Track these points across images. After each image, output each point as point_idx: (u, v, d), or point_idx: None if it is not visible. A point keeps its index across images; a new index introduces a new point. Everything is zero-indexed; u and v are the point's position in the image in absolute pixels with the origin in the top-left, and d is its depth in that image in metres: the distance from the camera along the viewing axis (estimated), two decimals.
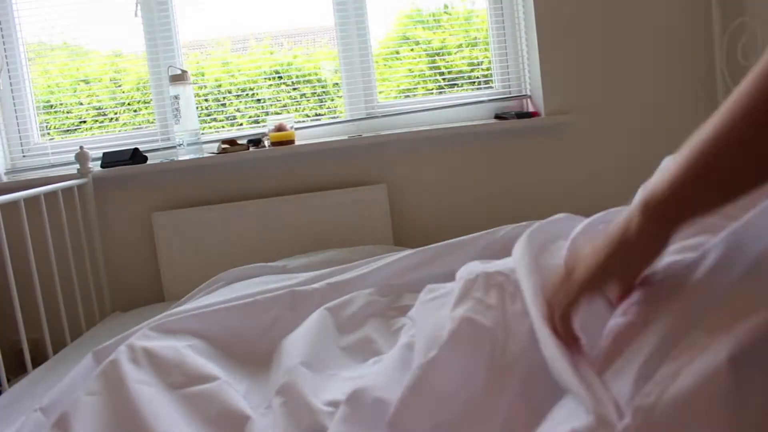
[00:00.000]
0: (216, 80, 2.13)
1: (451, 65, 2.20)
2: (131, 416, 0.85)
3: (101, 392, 0.90)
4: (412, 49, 2.20)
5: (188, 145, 1.92)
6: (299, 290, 1.21)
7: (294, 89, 2.16)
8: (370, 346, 1.05)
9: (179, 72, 1.89)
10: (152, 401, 0.88)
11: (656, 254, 0.55)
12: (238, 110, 2.14)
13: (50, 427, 0.85)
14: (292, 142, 1.95)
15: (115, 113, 2.12)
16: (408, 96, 2.18)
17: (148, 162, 1.94)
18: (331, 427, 0.72)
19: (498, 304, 0.77)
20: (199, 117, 2.03)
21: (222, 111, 2.14)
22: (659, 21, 2.08)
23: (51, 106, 2.10)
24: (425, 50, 2.20)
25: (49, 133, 2.10)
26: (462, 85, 2.19)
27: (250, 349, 1.10)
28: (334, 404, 0.81)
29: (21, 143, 2.04)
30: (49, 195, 1.65)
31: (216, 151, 1.94)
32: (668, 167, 0.51)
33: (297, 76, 2.15)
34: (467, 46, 2.20)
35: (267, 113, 2.13)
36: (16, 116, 2.02)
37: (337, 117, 2.15)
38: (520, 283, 0.78)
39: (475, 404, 0.67)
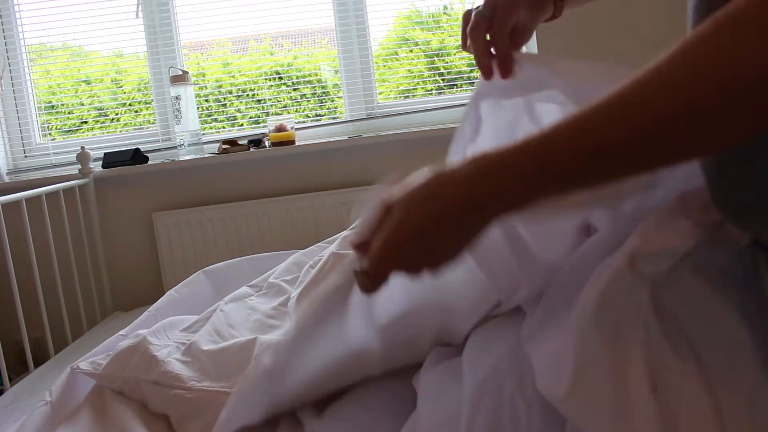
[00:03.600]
0: (216, 81, 2.14)
1: (451, 66, 2.20)
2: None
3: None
4: (411, 50, 2.20)
5: (189, 145, 1.93)
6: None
7: (294, 90, 2.17)
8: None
9: (180, 73, 1.90)
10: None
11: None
12: (238, 111, 2.15)
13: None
14: (292, 142, 1.96)
15: (116, 114, 2.13)
16: (407, 97, 2.19)
17: (149, 162, 1.95)
18: None
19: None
20: (199, 117, 2.04)
21: (222, 111, 2.15)
22: (659, 23, 2.08)
23: (52, 107, 2.11)
24: (424, 51, 2.20)
25: (50, 134, 2.11)
26: (461, 86, 2.20)
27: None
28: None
29: (23, 143, 2.05)
30: (50, 195, 1.65)
31: (216, 152, 1.95)
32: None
33: (297, 77, 2.16)
34: None
35: (267, 114, 2.14)
36: (18, 116, 2.03)
37: (337, 117, 2.16)
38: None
39: None
